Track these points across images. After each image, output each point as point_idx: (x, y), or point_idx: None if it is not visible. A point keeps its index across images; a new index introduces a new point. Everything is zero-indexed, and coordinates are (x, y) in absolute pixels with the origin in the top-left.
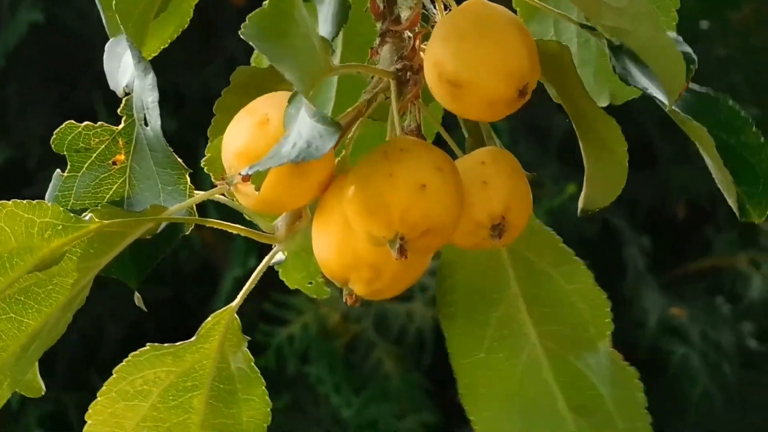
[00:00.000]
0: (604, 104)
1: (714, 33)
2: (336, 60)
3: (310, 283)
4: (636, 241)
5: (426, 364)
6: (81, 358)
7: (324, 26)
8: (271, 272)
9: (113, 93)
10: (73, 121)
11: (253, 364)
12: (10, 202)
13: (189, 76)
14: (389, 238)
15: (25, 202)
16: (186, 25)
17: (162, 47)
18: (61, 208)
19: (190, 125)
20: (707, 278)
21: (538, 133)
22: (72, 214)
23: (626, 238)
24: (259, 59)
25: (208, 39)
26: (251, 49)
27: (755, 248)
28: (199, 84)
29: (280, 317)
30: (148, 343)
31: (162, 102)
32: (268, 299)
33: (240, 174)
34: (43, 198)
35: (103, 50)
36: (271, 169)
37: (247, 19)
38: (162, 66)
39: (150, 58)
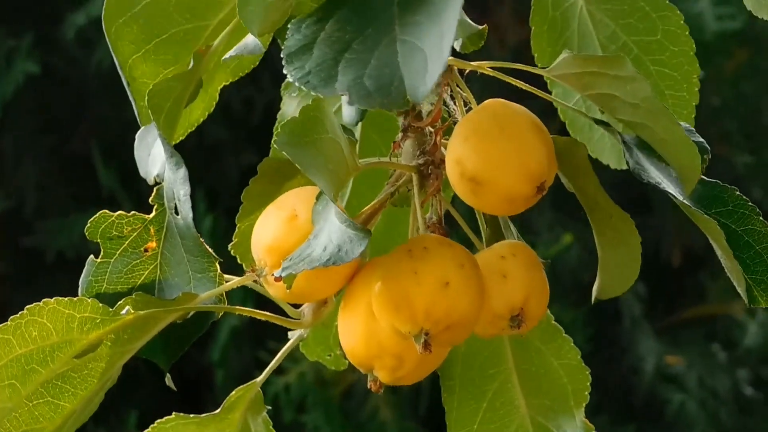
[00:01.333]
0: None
1: (707, 81)
2: (357, 135)
3: (329, 355)
4: (632, 288)
5: (422, 412)
6: None
7: (347, 110)
8: (266, 321)
9: (109, 141)
10: (106, 211)
11: (271, 427)
12: (52, 300)
13: None
14: (414, 333)
15: (66, 299)
16: (212, 109)
17: (190, 130)
18: (100, 304)
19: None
20: (703, 325)
21: None
22: (109, 308)
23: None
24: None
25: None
26: (247, 98)
27: None
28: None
29: (277, 366)
30: (174, 413)
31: None
32: (264, 348)
33: (273, 275)
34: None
35: (97, 98)
36: None
37: (279, 127)
38: None
39: (177, 141)
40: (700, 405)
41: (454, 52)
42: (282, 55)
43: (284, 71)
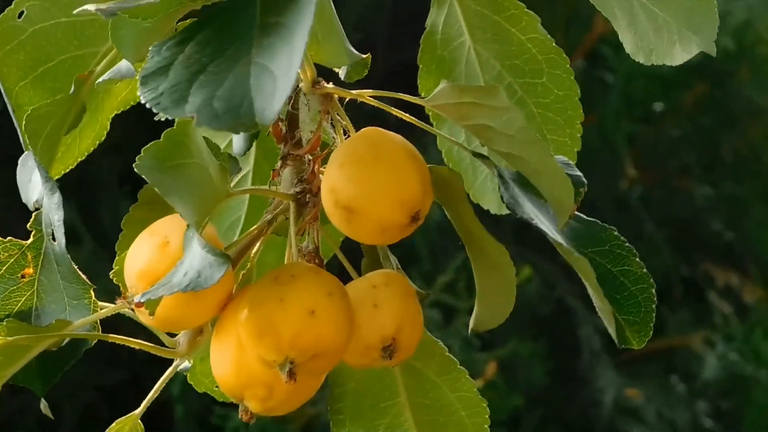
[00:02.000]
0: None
1: (666, 114)
2: (249, 165)
3: (217, 386)
4: (591, 321)
5: None
6: None
7: (237, 140)
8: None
9: (69, 178)
10: None
11: None
12: None
13: None
14: (279, 362)
15: None
16: (103, 138)
17: (80, 159)
18: None
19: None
20: (662, 358)
21: (494, 214)
22: None
23: (581, 318)
24: None
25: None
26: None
27: (709, 328)
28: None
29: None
30: None
31: (120, 185)
32: None
33: (134, 300)
34: None
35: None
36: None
37: (142, 151)
38: None
39: (67, 170)
40: None
41: (337, 81)
42: (137, 77)
43: (138, 93)
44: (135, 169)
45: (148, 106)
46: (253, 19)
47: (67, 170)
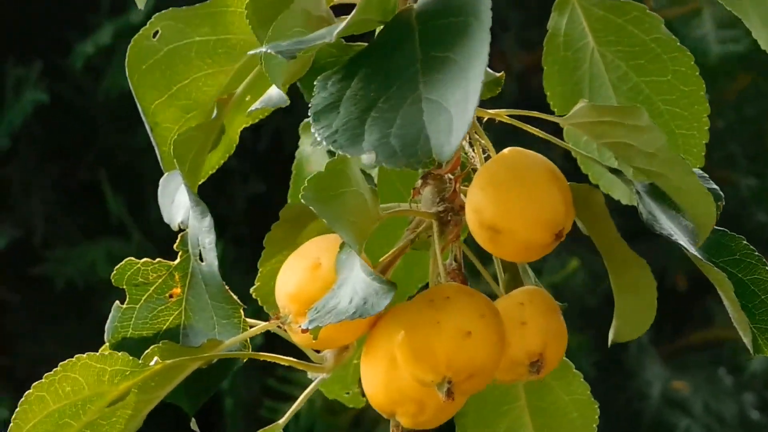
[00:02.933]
0: None
1: (710, 104)
2: (373, 173)
3: (347, 393)
4: None
5: None
6: None
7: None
8: (275, 349)
9: (118, 169)
10: (132, 258)
11: None
12: (84, 356)
13: None
14: (437, 383)
15: (97, 354)
16: (232, 151)
17: (210, 172)
18: (129, 357)
19: None
20: (709, 350)
21: None
22: (137, 360)
23: None
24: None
25: None
26: (254, 126)
27: None
28: None
29: (285, 393)
30: None
31: None
32: (272, 375)
33: (300, 326)
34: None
35: (105, 126)
36: None
37: (306, 181)
38: None
39: (199, 183)
40: (706, 430)
41: None
42: (309, 113)
43: (312, 129)
44: (301, 200)
45: (324, 144)
46: (414, 54)
47: (199, 183)
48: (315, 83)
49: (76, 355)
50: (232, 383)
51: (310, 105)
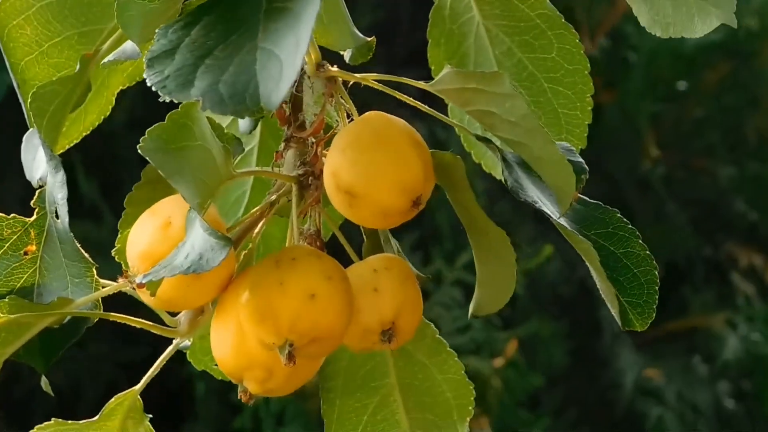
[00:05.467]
0: None
1: (690, 93)
2: (255, 142)
3: (216, 365)
4: None
5: None
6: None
7: (242, 121)
8: None
9: (91, 153)
10: None
11: None
12: None
13: None
14: (279, 345)
15: None
16: (108, 113)
17: (84, 134)
18: None
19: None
20: (683, 339)
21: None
22: None
23: (602, 299)
24: None
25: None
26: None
27: (731, 309)
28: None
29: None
30: (53, 418)
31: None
32: None
33: (136, 281)
34: None
35: None
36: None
37: (146, 132)
38: None
39: (72, 144)
40: (679, 418)
41: (342, 64)
42: (144, 60)
43: (143, 75)
44: (139, 151)
45: (153, 89)
46: (259, 4)
47: (71, 145)
48: (156, 31)
49: None
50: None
51: (146, 53)
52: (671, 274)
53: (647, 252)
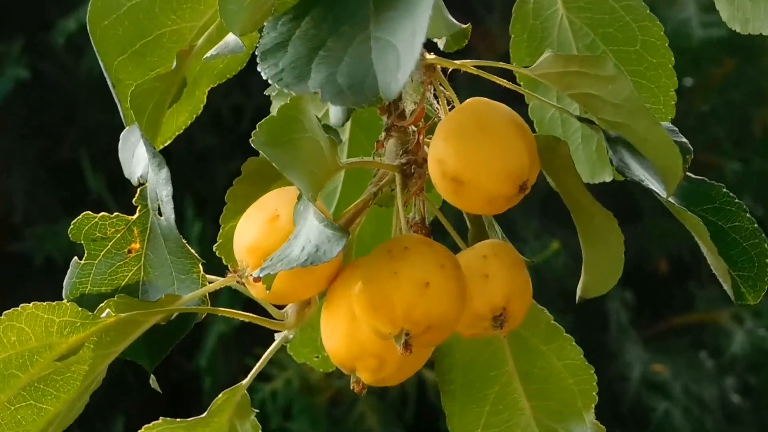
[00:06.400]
0: (608, 179)
1: (695, 89)
2: (345, 136)
3: (317, 356)
4: (619, 295)
5: (408, 418)
6: None
7: (334, 111)
8: (254, 327)
9: (98, 147)
10: (89, 212)
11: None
12: (30, 305)
13: None
14: (394, 334)
15: (45, 304)
16: (200, 112)
17: (177, 133)
18: (78, 308)
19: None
20: (690, 333)
21: None
22: (88, 312)
23: (609, 293)
24: None
25: None
26: (236, 105)
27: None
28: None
29: (263, 372)
30: (161, 417)
31: None
32: (250, 354)
33: (252, 275)
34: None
35: (87, 104)
36: None
37: (257, 126)
38: None
39: (166, 143)
40: (685, 413)
41: (438, 51)
42: (256, 53)
43: (258, 68)
44: (252, 144)
45: (270, 82)
46: None
47: (166, 144)
48: (265, 24)
49: (22, 305)
50: (211, 362)
51: (257, 45)
52: (677, 269)
53: (756, 225)
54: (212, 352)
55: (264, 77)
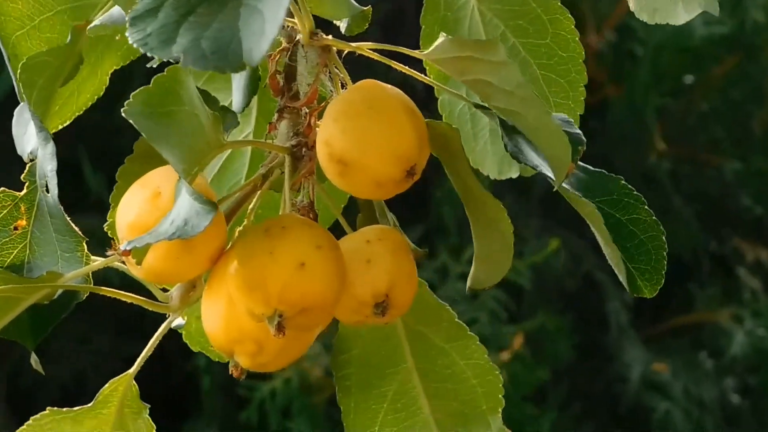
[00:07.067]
0: (515, 175)
1: (695, 87)
2: (251, 126)
3: (213, 346)
4: (618, 295)
5: None
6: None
7: (236, 96)
8: None
9: (97, 147)
10: None
11: (151, 423)
12: None
13: None
14: (268, 315)
15: None
16: (102, 93)
17: (77, 113)
18: None
19: None
20: (690, 333)
21: (521, 187)
22: None
23: (609, 293)
24: None
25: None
26: None
27: (737, 304)
28: None
29: (262, 372)
30: (48, 408)
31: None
32: None
33: (120, 249)
34: None
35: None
36: (156, 244)
37: (131, 96)
38: None
39: (65, 124)
40: (685, 413)
41: (337, 34)
42: (126, 18)
43: (126, 34)
44: (123, 114)
45: (135, 46)
46: None
47: (65, 124)
48: None
49: None
50: (209, 362)
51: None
52: (677, 269)
53: (653, 218)
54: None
55: (130, 42)
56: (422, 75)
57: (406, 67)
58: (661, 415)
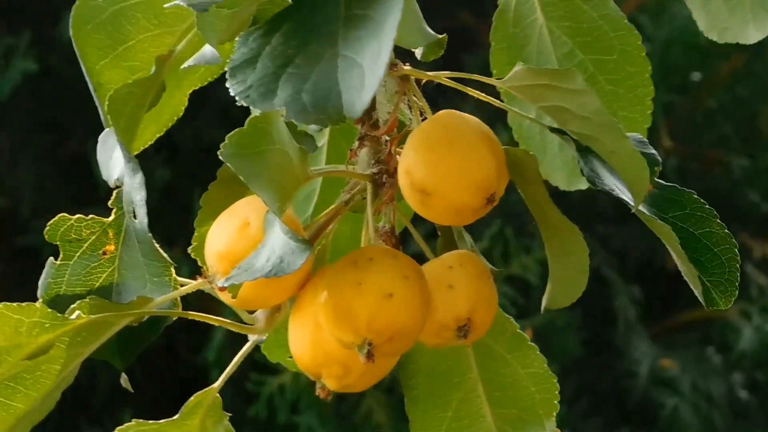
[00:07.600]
0: (584, 187)
1: (703, 84)
2: (324, 140)
3: (290, 357)
4: (626, 291)
5: None
6: (72, 407)
7: None
8: None
9: None
10: (65, 214)
11: None
12: (1, 305)
13: (182, 125)
14: (357, 344)
15: (15, 304)
16: (181, 114)
17: (158, 134)
18: (48, 309)
19: (183, 174)
20: (698, 329)
21: None
22: (58, 314)
23: (617, 289)
24: None
25: (201, 89)
26: None
27: (746, 299)
28: (191, 133)
29: (272, 367)
30: (134, 419)
31: (156, 152)
32: (257, 348)
33: (217, 284)
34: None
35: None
36: None
37: (226, 138)
38: None
39: (146, 145)
40: (693, 409)
41: (414, 62)
42: (226, 69)
43: (227, 85)
44: (219, 157)
45: (237, 98)
46: (337, 11)
47: (146, 146)
48: (237, 39)
49: None
50: (219, 357)
51: (228, 61)
52: None
53: (726, 231)
54: (220, 346)
55: (232, 93)
56: (495, 99)
57: (482, 94)
58: (670, 410)
